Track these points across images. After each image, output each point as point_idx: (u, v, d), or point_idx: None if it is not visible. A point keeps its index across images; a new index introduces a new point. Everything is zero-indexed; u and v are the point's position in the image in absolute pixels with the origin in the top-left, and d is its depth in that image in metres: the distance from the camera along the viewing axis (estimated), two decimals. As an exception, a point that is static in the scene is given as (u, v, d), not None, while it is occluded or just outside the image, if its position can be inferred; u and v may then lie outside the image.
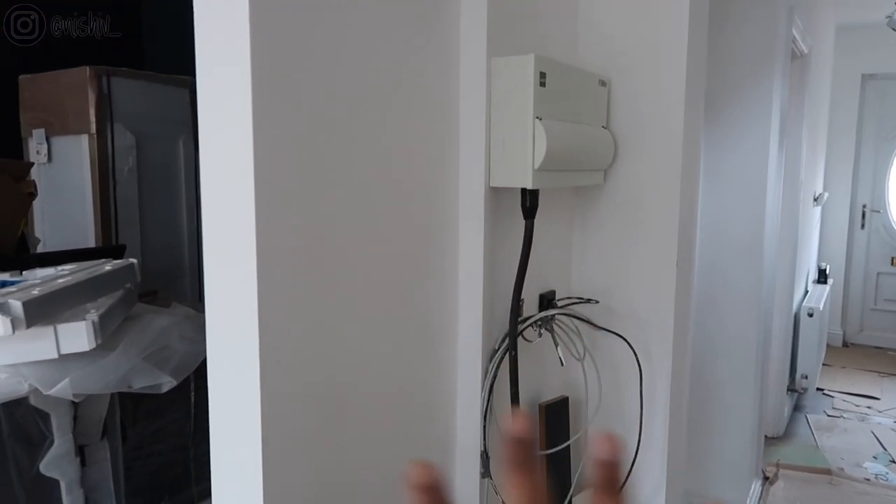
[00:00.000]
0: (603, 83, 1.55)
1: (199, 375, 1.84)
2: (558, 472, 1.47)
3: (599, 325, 1.51)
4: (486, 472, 1.24)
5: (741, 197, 2.65)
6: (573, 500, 1.49)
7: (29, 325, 1.33)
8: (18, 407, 1.52)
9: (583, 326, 1.49)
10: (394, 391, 1.15)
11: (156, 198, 2.52)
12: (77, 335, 1.42)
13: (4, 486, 1.52)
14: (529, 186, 1.27)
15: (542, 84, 1.29)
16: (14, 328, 1.30)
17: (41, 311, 1.38)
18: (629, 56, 1.53)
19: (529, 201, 1.32)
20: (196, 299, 2.57)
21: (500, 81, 1.27)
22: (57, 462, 1.60)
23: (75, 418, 1.65)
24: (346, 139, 1.01)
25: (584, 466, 1.56)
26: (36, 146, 2.45)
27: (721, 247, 2.66)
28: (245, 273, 0.89)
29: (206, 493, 2.06)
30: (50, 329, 1.40)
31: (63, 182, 2.37)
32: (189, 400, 1.96)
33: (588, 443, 1.57)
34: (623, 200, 1.57)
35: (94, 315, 1.47)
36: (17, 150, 2.55)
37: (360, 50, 1.01)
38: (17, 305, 1.31)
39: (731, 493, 2.71)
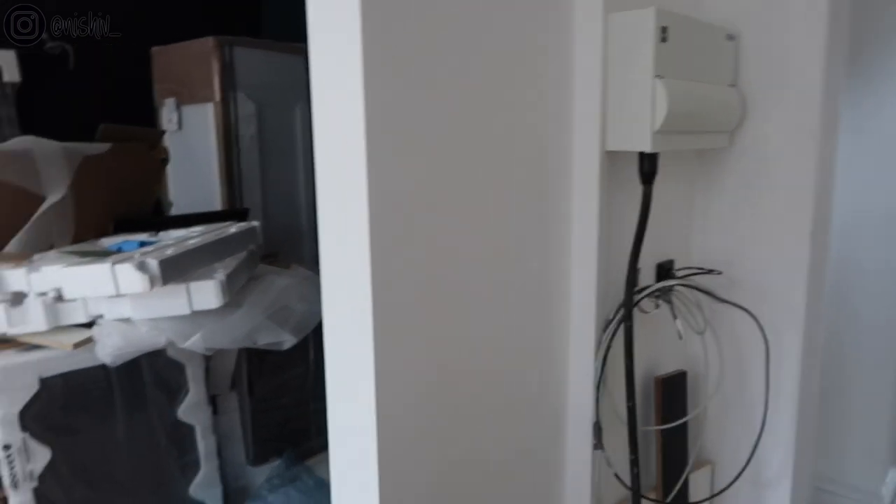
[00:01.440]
0: (731, 37, 1.43)
1: (318, 334, 1.92)
2: (674, 448, 1.42)
3: (722, 297, 1.42)
4: (598, 444, 1.21)
5: (888, 161, 2.40)
6: (689, 477, 1.44)
7: (165, 283, 1.43)
8: (158, 358, 1.66)
9: (703, 298, 1.41)
10: (505, 358, 1.14)
11: (276, 163, 2.63)
12: (207, 293, 1.52)
13: (148, 429, 1.67)
14: (648, 150, 1.20)
15: (664, 40, 1.21)
16: (152, 285, 1.41)
17: (175, 270, 1.47)
18: (761, 5, 1.41)
19: (648, 165, 1.25)
20: (314, 261, 2.67)
21: (617, 38, 1.20)
22: (192, 409, 1.74)
23: (207, 370, 1.78)
24: (456, 102, 0.99)
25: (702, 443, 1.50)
26: (168, 115, 2.61)
27: (862, 215, 2.44)
28: (358, 238, 0.90)
29: (326, 445, 2.18)
30: (183, 287, 1.51)
31: (192, 148, 2.52)
32: (308, 357, 2.06)
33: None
34: (750, 164, 1.45)
35: (221, 274, 1.56)
36: (150, 118, 2.73)
37: (470, 7, 0.99)
38: (154, 264, 1.41)
39: (864, 479, 2.53)
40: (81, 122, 2.24)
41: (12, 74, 2.49)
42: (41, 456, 1.51)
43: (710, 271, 1.43)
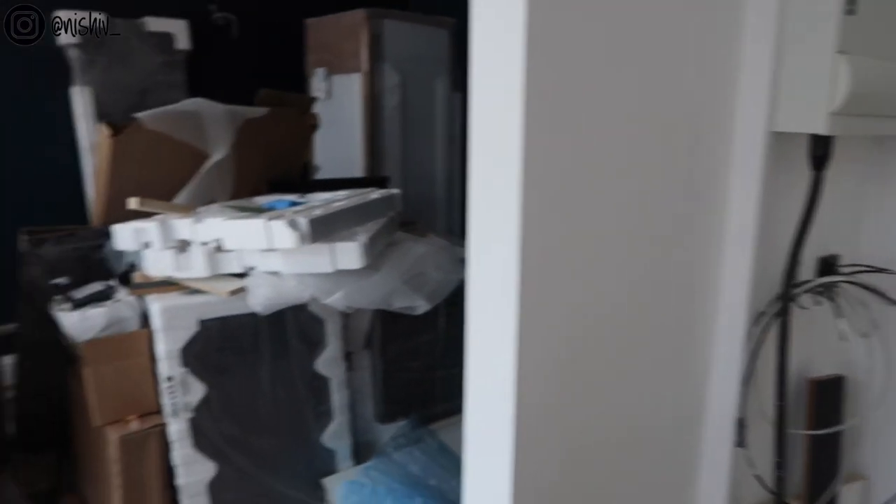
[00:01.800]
0: (931, 10, 1.28)
1: (449, 303, 1.95)
2: (824, 457, 1.32)
3: (894, 299, 1.29)
4: (740, 442, 1.15)
5: None
6: (838, 490, 1.34)
7: (313, 241, 1.51)
8: (301, 312, 1.76)
9: (871, 299, 1.29)
10: (645, 339, 1.10)
11: (415, 134, 2.69)
12: (350, 254, 1.58)
13: (288, 376, 1.78)
14: (823, 132, 1.10)
15: (851, 12, 1.09)
16: (301, 242, 1.49)
17: (322, 230, 1.55)
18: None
19: (820, 149, 1.15)
20: (447, 231, 2.72)
21: (796, 8, 1.10)
22: (329, 363, 1.84)
23: (345, 328, 1.86)
24: (613, 82, 0.95)
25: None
26: (318, 83, 2.73)
27: None
28: (508, 217, 0.89)
29: (450, 411, 2.23)
30: (328, 246, 1.58)
31: (338, 116, 2.62)
32: (438, 325, 2.11)
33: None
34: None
35: (364, 237, 1.62)
36: (301, 86, 2.87)
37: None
38: (304, 223, 1.49)
39: None
40: (241, 87, 2.40)
41: (183, 42, 2.71)
42: (197, 390, 1.65)
43: (881, 270, 1.30)
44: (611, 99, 0.96)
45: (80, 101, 2.51)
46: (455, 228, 2.91)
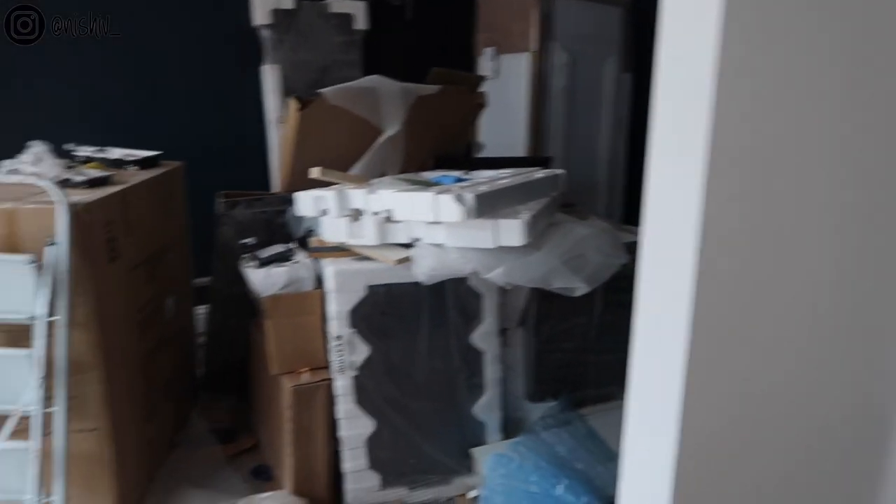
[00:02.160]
0: None
1: (607, 287, 1.92)
2: None
3: None
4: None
5: None
6: None
7: (477, 216, 1.55)
8: (461, 285, 1.81)
9: None
10: (836, 345, 1.02)
11: (581, 115, 2.64)
12: (513, 231, 1.60)
13: (445, 346, 1.85)
14: None
15: None
16: (466, 216, 1.53)
17: (487, 206, 1.58)
18: None
19: None
20: (606, 216, 2.66)
21: None
22: (485, 337, 1.88)
23: (501, 304, 1.90)
24: (820, 62, 0.87)
25: None
26: (486, 62, 2.76)
27: None
28: (688, 211, 0.85)
29: (600, 398, 2.20)
30: (491, 222, 1.61)
31: (504, 95, 2.64)
32: (594, 309, 2.08)
33: None
34: None
35: (527, 215, 1.63)
36: (470, 66, 2.92)
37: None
38: (470, 198, 1.53)
39: None
40: (412, 66, 2.49)
41: (362, 23, 2.85)
42: (362, 350, 1.77)
43: None
44: (814, 84, 0.87)
45: (270, 77, 2.74)
46: (615, 213, 2.84)
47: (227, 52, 2.76)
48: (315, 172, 1.69)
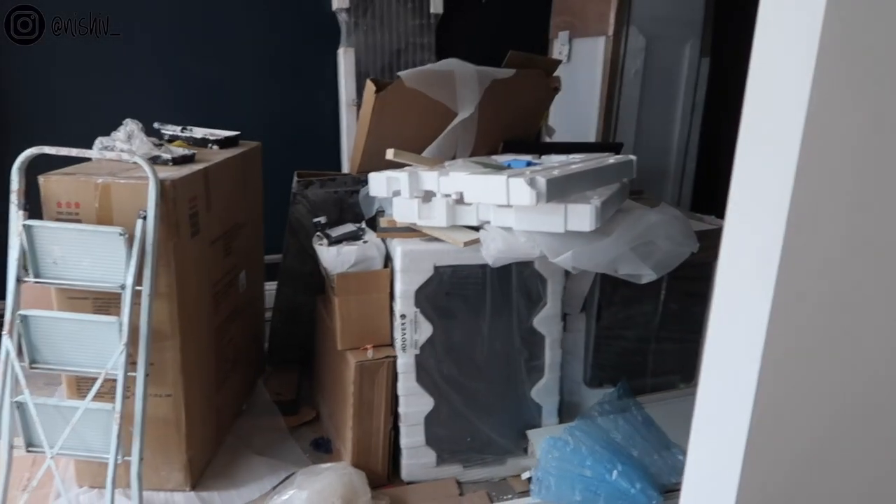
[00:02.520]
0: None
1: (672, 276, 1.89)
2: None
3: None
4: None
5: None
6: None
7: (548, 201, 1.55)
8: (526, 268, 1.82)
9: None
10: None
11: (655, 101, 2.59)
12: (582, 216, 1.59)
13: (507, 329, 1.87)
14: None
15: None
16: (538, 201, 1.53)
17: (558, 191, 1.58)
18: None
19: None
20: (675, 204, 2.61)
21: None
22: (547, 321, 1.89)
23: (564, 289, 1.89)
24: None
25: None
26: (560, 46, 2.73)
27: None
28: (774, 206, 0.83)
29: (659, 386, 2.18)
30: (561, 207, 1.61)
31: (577, 80, 2.60)
32: (659, 297, 2.06)
33: None
34: None
35: (597, 201, 1.62)
36: (544, 50, 2.89)
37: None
38: (542, 182, 1.53)
39: None
40: (485, 50, 2.49)
41: (436, 6, 2.86)
42: (425, 329, 1.80)
43: None
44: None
45: (345, 60, 2.79)
46: (685, 201, 2.78)
47: (305, 36, 2.82)
48: (389, 154, 1.72)
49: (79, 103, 2.64)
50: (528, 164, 1.84)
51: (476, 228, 1.76)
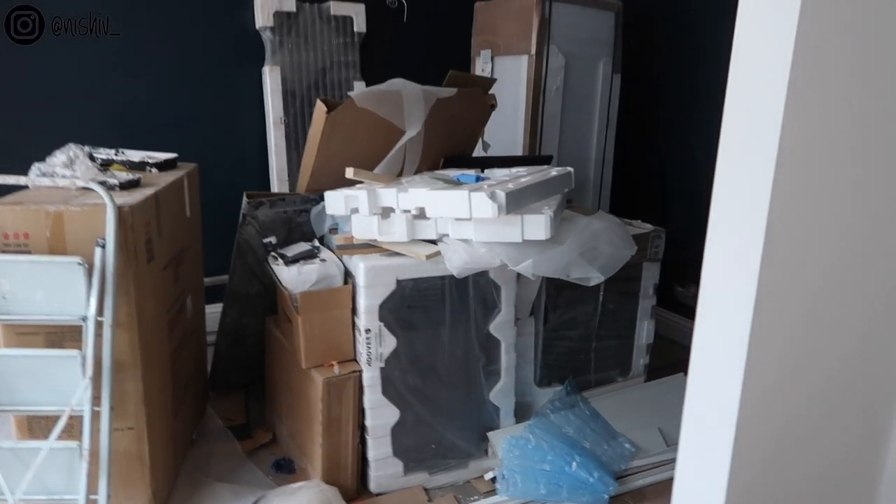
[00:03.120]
0: None
1: (609, 278, 2.04)
2: None
3: None
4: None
5: None
6: None
7: (507, 213, 1.65)
8: (482, 277, 1.91)
9: None
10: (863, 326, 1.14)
11: (574, 115, 2.77)
12: (538, 226, 1.71)
13: (465, 336, 1.94)
14: None
15: None
16: (499, 213, 1.63)
17: (514, 203, 1.68)
18: None
19: None
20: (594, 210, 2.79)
21: None
22: (502, 326, 1.98)
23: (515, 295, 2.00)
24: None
25: None
26: (482, 64, 2.86)
27: None
28: (755, 206, 0.95)
29: (601, 381, 2.34)
30: (518, 218, 1.71)
31: (501, 95, 2.72)
32: (598, 298, 2.21)
33: None
34: None
35: (549, 211, 1.74)
36: (464, 67, 3.01)
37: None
38: (501, 196, 1.63)
39: None
40: (408, 67, 2.57)
41: (360, 25, 2.92)
42: (389, 343, 1.85)
43: None
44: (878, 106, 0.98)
45: (270, 79, 2.78)
46: (604, 207, 2.98)
47: (229, 54, 2.79)
48: (349, 173, 1.76)
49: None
50: (478, 178, 1.94)
51: (433, 242, 1.84)
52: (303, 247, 1.97)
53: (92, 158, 1.97)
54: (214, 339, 2.37)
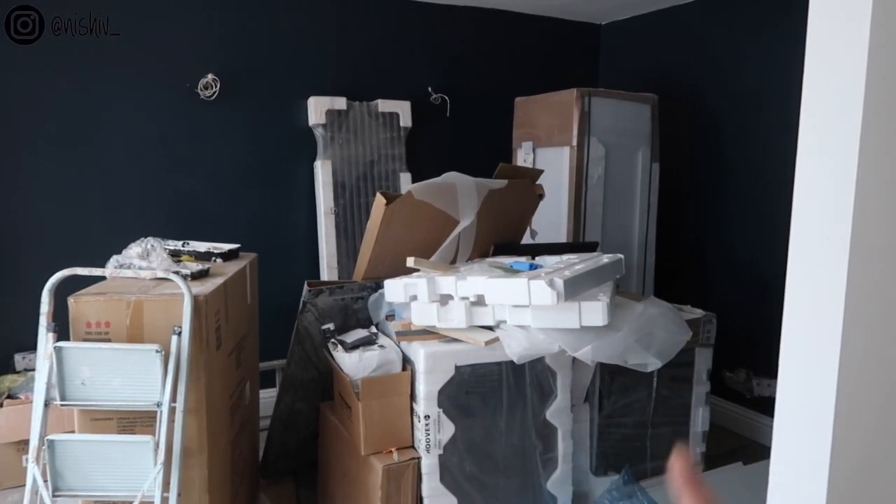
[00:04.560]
0: None
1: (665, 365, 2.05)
2: None
3: None
4: None
5: None
6: None
7: (565, 300, 1.69)
8: (538, 363, 1.93)
9: None
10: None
11: (615, 202, 2.85)
12: (595, 312, 1.74)
13: (522, 423, 1.95)
14: None
15: None
16: (557, 300, 1.67)
17: (571, 290, 1.72)
18: None
19: None
20: (641, 295, 2.81)
21: None
22: (558, 413, 1.98)
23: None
24: None
25: None
26: (524, 155, 2.98)
27: None
28: (833, 286, 0.98)
29: (657, 470, 2.29)
30: (575, 305, 1.75)
31: (544, 186, 2.83)
32: (652, 384, 2.20)
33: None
34: None
35: (605, 298, 1.78)
36: (507, 157, 3.14)
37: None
38: (560, 283, 1.67)
39: None
40: (450, 159, 2.69)
41: (406, 120, 3.08)
42: (447, 429, 1.86)
43: None
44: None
45: (322, 171, 2.92)
46: (648, 292, 3.01)
47: (283, 150, 2.95)
48: (409, 261, 1.83)
49: (60, 223, 2.62)
50: (531, 265, 2.00)
51: (490, 328, 1.87)
52: (361, 333, 2.01)
53: (162, 249, 2.08)
54: (265, 424, 2.39)
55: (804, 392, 1.07)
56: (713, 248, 3.01)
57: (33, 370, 2.51)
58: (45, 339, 1.56)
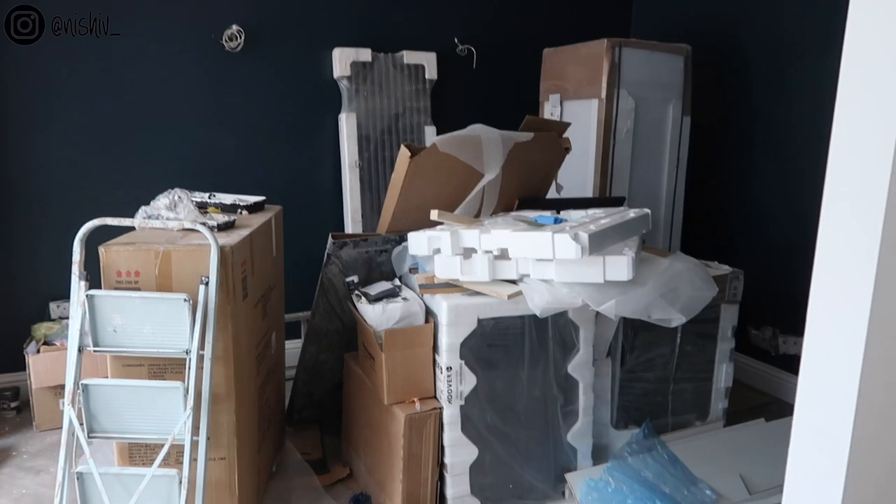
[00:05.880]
0: None
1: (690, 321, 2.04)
2: None
3: None
4: None
5: None
6: None
7: (590, 254, 1.67)
8: (561, 317, 1.93)
9: None
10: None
11: (644, 157, 2.79)
12: (620, 267, 1.73)
13: (544, 376, 1.96)
14: None
15: None
16: (581, 254, 1.66)
17: (596, 244, 1.71)
18: None
19: None
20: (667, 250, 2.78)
21: None
22: (580, 367, 1.99)
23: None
24: None
25: None
26: (551, 108, 2.93)
27: None
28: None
29: (678, 425, 2.31)
30: (600, 259, 1.74)
31: (571, 139, 2.78)
32: (675, 340, 2.20)
33: None
34: None
35: (630, 252, 1.76)
36: (534, 109, 3.08)
37: None
38: (584, 237, 1.66)
39: None
40: (477, 111, 2.65)
41: (431, 72, 3.03)
42: (469, 380, 1.88)
43: None
44: None
45: (347, 125, 2.90)
46: (675, 248, 2.97)
47: (308, 102, 2.93)
48: (433, 214, 1.82)
49: (90, 175, 2.66)
50: (556, 220, 1.98)
51: (514, 282, 1.87)
52: (385, 286, 2.03)
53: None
54: (291, 374, 2.45)
55: (831, 350, 1.05)
56: (743, 205, 2.95)
57: (67, 318, 2.59)
58: (78, 287, 1.60)
